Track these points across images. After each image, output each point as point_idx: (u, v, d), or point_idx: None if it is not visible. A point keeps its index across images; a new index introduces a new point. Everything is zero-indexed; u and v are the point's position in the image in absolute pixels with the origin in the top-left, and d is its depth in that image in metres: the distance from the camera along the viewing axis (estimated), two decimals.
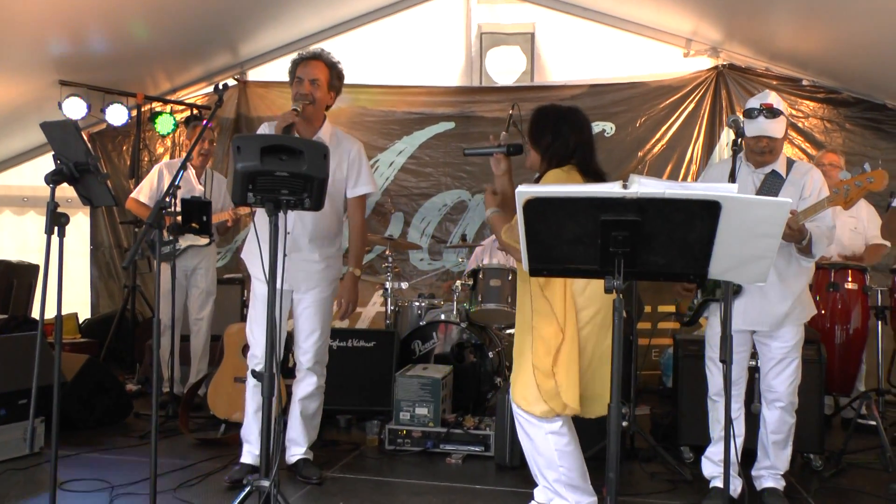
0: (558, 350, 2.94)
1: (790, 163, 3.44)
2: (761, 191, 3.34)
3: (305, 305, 3.76)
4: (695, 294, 3.59)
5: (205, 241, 5.27)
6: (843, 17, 5.39)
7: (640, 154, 6.68)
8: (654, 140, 6.69)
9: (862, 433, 4.55)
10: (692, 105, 6.65)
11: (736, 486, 3.45)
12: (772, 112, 3.30)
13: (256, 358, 3.66)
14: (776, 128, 3.30)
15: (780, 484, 3.50)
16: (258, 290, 3.72)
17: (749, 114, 3.35)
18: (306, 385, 3.81)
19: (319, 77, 3.67)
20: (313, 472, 3.78)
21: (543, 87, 6.74)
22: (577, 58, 6.84)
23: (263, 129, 3.72)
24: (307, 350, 3.76)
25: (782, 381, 3.39)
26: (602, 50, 6.82)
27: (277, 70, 7.15)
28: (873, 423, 4.33)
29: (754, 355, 3.51)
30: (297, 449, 3.84)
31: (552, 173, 3.06)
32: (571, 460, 3.06)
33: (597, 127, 6.65)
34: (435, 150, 6.94)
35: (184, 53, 6.76)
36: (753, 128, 3.31)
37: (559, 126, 3.13)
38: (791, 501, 3.50)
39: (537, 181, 3.14)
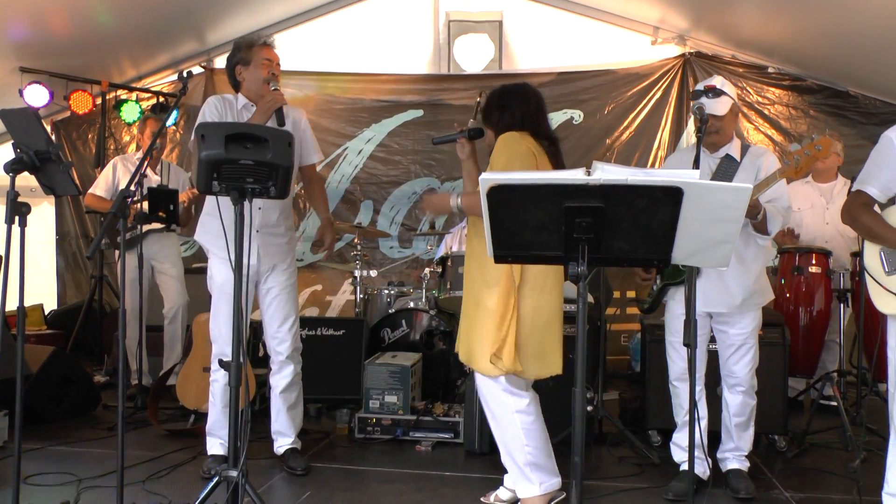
0: (502, 313, 3.04)
1: (745, 147, 3.48)
2: (716, 175, 3.38)
3: (276, 293, 3.75)
4: (654, 281, 3.63)
5: (161, 225, 5.21)
6: (806, 5, 5.46)
7: (608, 141, 6.72)
8: (622, 127, 6.73)
9: (825, 414, 4.65)
10: (660, 92, 6.70)
11: (704, 468, 3.52)
12: (714, 92, 3.36)
13: (227, 356, 3.63)
14: (717, 106, 3.35)
15: (744, 465, 3.57)
16: (223, 283, 3.64)
17: (694, 96, 3.43)
18: (284, 376, 3.79)
19: (279, 64, 3.75)
20: (299, 462, 3.77)
21: (512, 74, 6.73)
22: (545, 45, 6.85)
23: (215, 105, 3.62)
24: (284, 338, 3.75)
25: (742, 366, 3.46)
26: (570, 38, 6.83)
27: None
28: (835, 403, 4.42)
29: (713, 339, 3.56)
30: (284, 440, 3.84)
31: (504, 136, 3.14)
32: (537, 440, 3.12)
33: (565, 114, 6.68)
34: (404, 138, 6.92)
35: (149, 40, 6.66)
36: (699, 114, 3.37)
37: (506, 100, 3.25)
38: (755, 482, 3.55)
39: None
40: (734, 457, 3.58)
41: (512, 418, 3.12)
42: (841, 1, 5.12)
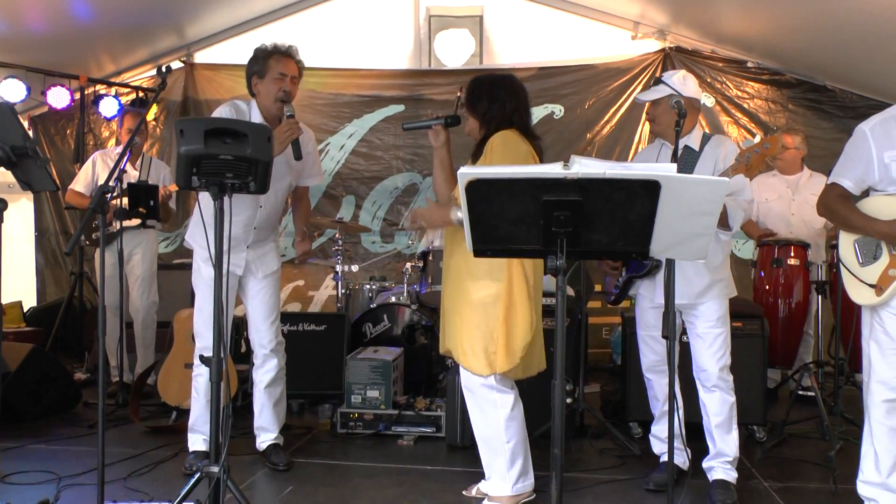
0: (503, 312, 3.03)
1: (706, 137, 3.46)
2: (677, 167, 3.36)
3: (259, 288, 3.75)
4: (620, 272, 3.60)
5: (136, 222, 5.18)
6: (784, 1, 5.49)
7: (588, 136, 6.74)
8: (602, 121, 6.76)
9: (804, 404, 4.70)
10: (640, 87, 6.72)
11: (684, 459, 3.55)
12: (655, 81, 3.44)
13: (209, 351, 3.62)
14: (648, 94, 3.42)
15: (730, 476, 3.40)
16: (210, 277, 3.63)
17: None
18: (268, 370, 3.79)
19: (297, 76, 3.69)
20: (281, 458, 3.77)
21: (492, 69, 6.69)
22: (526, 40, 6.87)
23: (222, 112, 3.58)
24: (268, 332, 3.75)
25: (710, 357, 3.37)
26: (550, 33, 6.85)
27: (225, 52, 7.04)
28: (813, 394, 4.48)
29: (684, 331, 3.56)
30: (267, 435, 3.84)
31: (502, 134, 3.10)
32: (517, 438, 3.13)
33: (546, 109, 6.70)
34: (385, 133, 6.92)
35: (128, 34, 6.60)
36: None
37: (495, 90, 3.19)
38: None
39: (479, 144, 3.18)
40: (719, 465, 3.41)
41: (496, 415, 3.12)
42: None
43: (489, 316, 3.03)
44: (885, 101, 5.78)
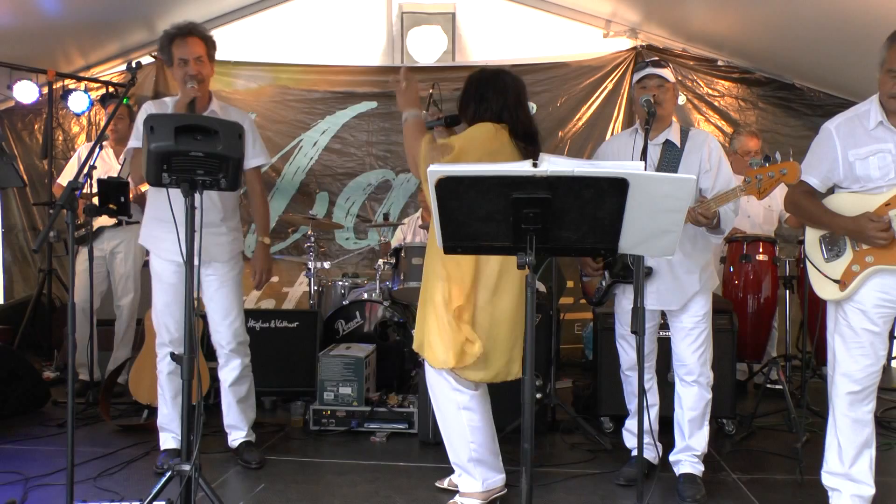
0: (457, 309, 3.02)
1: (684, 132, 3.44)
2: (661, 164, 3.36)
3: (218, 286, 3.70)
4: (603, 275, 3.62)
5: (113, 221, 5.14)
6: (753, 0, 5.56)
7: (561, 133, 6.77)
8: (575, 119, 6.79)
9: (772, 397, 4.77)
10: (612, 85, 6.77)
11: (654, 454, 3.58)
12: (658, 64, 3.40)
13: (169, 347, 3.61)
14: (664, 71, 3.36)
15: (697, 469, 3.45)
16: (162, 272, 3.63)
17: (639, 69, 3.46)
18: (232, 369, 3.77)
19: (202, 53, 3.55)
20: (253, 456, 3.76)
21: (465, 66, 6.71)
22: (498, 38, 6.88)
23: (150, 109, 3.55)
24: (227, 332, 3.72)
25: (693, 352, 3.39)
26: (523, 30, 6.87)
27: None
28: (780, 387, 4.55)
29: (664, 326, 3.58)
30: (237, 433, 3.83)
31: (479, 125, 3.06)
32: (482, 437, 3.14)
33: None
34: (358, 130, 6.90)
35: (98, 28, 6.52)
36: (643, 73, 3.39)
37: (483, 90, 3.14)
38: (704, 465, 3.56)
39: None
40: (687, 459, 3.46)
41: (457, 414, 3.13)
42: None
43: (447, 315, 3.03)
44: (850, 100, 5.85)
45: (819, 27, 5.39)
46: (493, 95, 3.11)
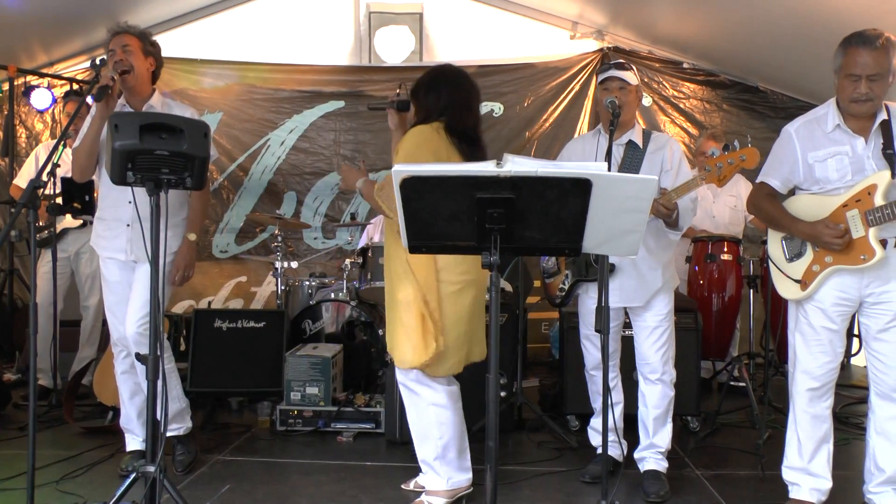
0: (419, 310, 3.05)
1: (647, 134, 3.49)
2: (623, 164, 3.40)
3: (139, 275, 3.54)
4: (565, 274, 3.66)
5: (77, 222, 5.07)
6: (719, 3, 5.63)
7: (527, 134, 6.80)
8: (542, 120, 6.82)
9: (735, 395, 4.84)
10: (578, 86, 6.81)
11: (619, 451, 3.62)
12: (621, 66, 3.44)
13: (120, 346, 3.56)
14: (627, 74, 3.39)
15: (661, 466, 3.51)
16: (105, 271, 3.60)
17: (602, 71, 3.49)
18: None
19: (130, 43, 3.54)
20: (184, 457, 3.69)
21: (432, 66, 6.76)
22: (466, 38, 6.89)
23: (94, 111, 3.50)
24: (132, 326, 3.50)
25: (655, 350, 3.43)
26: (490, 31, 6.88)
27: (163, 45, 6.84)
28: (744, 384, 4.63)
29: (628, 325, 3.62)
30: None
31: (415, 129, 3.13)
32: (451, 434, 3.16)
33: (485, 107, 6.73)
34: (325, 129, 6.88)
35: (61, 24, 6.40)
36: (605, 75, 3.43)
37: (436, 82, 3.23)
38: (669, 461, 3.61)
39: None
40: (651, 456, 3.51)
41: (426, 411, 3.16)
42: (750, 0, 5.31)
43: (409, 314, 3.07)
44: (812, 102, 5.98)
45: (782, 31, 5.48)
46: (446, 90, 3.19)
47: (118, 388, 3.67)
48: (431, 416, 3.14)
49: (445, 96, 3.18)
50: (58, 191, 4.66)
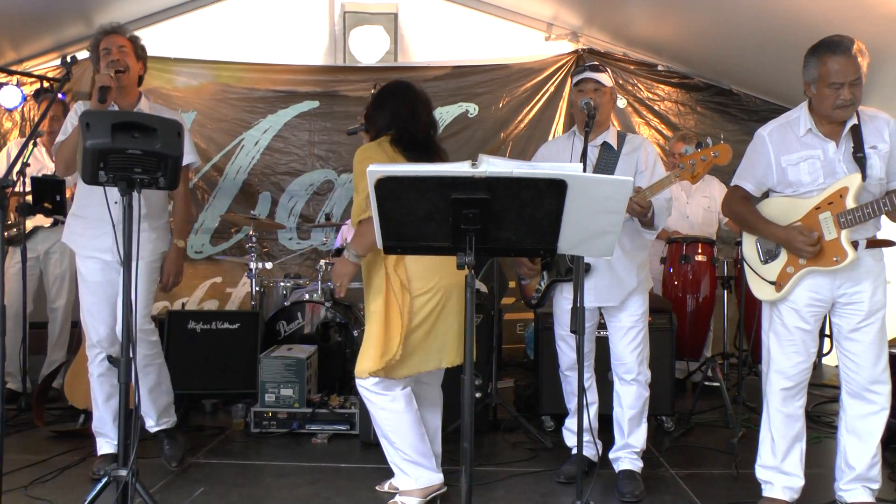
0: (381, 319, 3.09)
1: (621, 136, 3.51)
2: (598, 165, 3.42)
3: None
4: (541, 276, 3.65)
5: (49, 221, 5.00)
6: (693, 6, 5.68)
7: (502, 135, 6.80)
8: (516, 120, 6.83)
9: (709, 394, 4.88)
10: (553, 87, 6.83)
11: (594, 451, 3.64)
12: (596, 68, 3.45)
13: (98, 348, 3.52)
14: (601, 76, 3.41)
15: (636, 465, 3.52)
16: (85, 270, 3.55)
17: (577, 73, 3.51)
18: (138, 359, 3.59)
19: (125, 44, 3.55)
20: (174, 453, 3.68)
21: (407, 67, 6.75)
22: (441, 39, 6.88)
23: (80, 109, 3.42)
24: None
25: (631, 351, 3.45)
26: (465, 32, 6.88)
27: None
28: (718, 384, 4.66)
29: (602, 326, 3.62)
30: (148, 421, 3.70)
31: (359, 149, 3.16)
32: (411, 437, 3.16)
33: (460, 108, 6.75)
34: (300, 129, 6.83)
35: (32, 21, 6.31)
36: (580, 77, 3.45)
37: (380, 99, 3.26)
38: (643, 461, 3.62)
39: None
40: (626, 456, 3.52)
41: (382, 416, 3.17)
42: (722, 3, 5.36)
43: (375, 324, 3.11)
44: (784, 105, 6.05)
45: (754, 35, 5.54)
46: (389, 105, 3.22)
47: (92, 391, 3.62)
48: (388, 421, 3.16)
49: (389, 111, 3.21)
50: (27, 190, 4.60)
